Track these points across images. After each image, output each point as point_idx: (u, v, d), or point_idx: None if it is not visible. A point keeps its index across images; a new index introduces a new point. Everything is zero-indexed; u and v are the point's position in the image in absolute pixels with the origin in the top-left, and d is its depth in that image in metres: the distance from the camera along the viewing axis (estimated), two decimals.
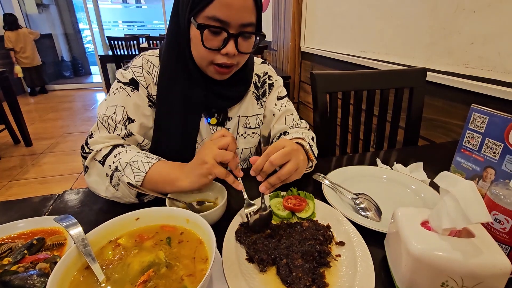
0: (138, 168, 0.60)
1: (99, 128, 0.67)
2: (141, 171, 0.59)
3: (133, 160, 0.61)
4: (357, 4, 1.70)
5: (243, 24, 0.61)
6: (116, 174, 0.60)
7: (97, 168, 0.63)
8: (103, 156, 0.62)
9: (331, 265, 0.47)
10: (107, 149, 0.63)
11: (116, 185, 0.60)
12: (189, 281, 0.39)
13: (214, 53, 0.63)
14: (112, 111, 0.67)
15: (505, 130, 0.54)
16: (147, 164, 0.60)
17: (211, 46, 0.62)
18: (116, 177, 0.60)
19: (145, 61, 0.73)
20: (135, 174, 0.59)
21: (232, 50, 0.62)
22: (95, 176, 0.63)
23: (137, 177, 0.59)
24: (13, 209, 0.62)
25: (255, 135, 0.85)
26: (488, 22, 0.97)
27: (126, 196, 0.61)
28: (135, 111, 0.70)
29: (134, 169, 0.59)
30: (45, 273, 0.43)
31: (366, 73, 1.05)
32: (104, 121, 0.66)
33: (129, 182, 0.58)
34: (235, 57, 0.65)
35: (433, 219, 0.41)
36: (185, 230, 0.48)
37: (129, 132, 0.68)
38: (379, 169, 0.77)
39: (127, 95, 0.69)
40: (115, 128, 0.67)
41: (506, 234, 0.43)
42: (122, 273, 0.40)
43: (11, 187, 2.30)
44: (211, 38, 0.62)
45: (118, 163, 0.60)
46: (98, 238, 0.44)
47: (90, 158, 0.63)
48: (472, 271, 0.36)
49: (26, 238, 0.51)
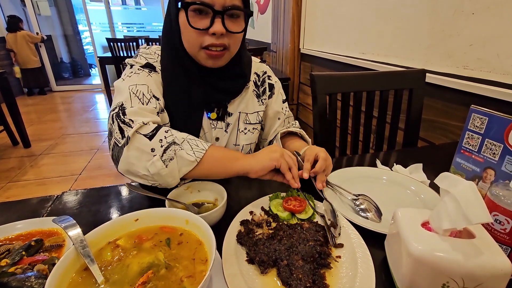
0: (197, 145, 0.59)
1: (131, 99, 0.62)
2: (200, 148, 0.58)
3: (190, 138, 0.60)
4: (357, 6, 1.71)
5: (227, 5, 0.62)
6: (173, 148, 0.57)
7: (140, 142, 0.57)
8: (152, 130, 0.58)
9: (331, 266, 0.46)
10: (153, 125, 0.59)
11: (168, 159, 0.56)
12: (189, 283, 0.39)
13: (202, 34, 0.64)
14: (136, 89, 0.64)
15: (505, 131, 0.54)
16: (206, 144, 0.60)
17: (198, 26, 0.62)
18: (172, 151, 0.56)
19: (152, 52, 0.74)
20: (194, 150, 0.58)
21: (220, 28, 0.62)
22: (135, 151, 0.57)
23: (197, 153, 0.57)
24: (11, 210, 0.62)
25: (255, 131, 0.86)
26: (487, 24, 0.97)
27: (172, 175, 0.57)
28: (157, 91, 0.69)
29: (193, 146, 0.58)
30: (43, 275, 0.42)
31: (365, 74, 1.05)
32: (137, 92, 0.63)
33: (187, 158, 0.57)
34: (224, 38, 0.65)
35: (434, 220, 0.41)
36: (185, 231, 0.47)
37: (162, 108, 0.67)
38: (379, 170, 0.77)
39: (147, 75, 0.69)
40: (149, 101, 0.64)
41: (507, 234, 0.43)
42: (121, 274, 0.40)
43: (9, 188, 2.29)
44: (197, 18, 0.62)
45: (174, 138, 0.58)
46: (97, 239, 0.44)
47: (133, 131, 0.57)
48: (472, 272, 0.36)
49: (24, 239, 0.51)
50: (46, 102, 5.03)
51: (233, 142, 0.82)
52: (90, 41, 5.91)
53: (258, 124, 0.86)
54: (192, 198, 0.62)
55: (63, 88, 5.90)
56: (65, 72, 6.78)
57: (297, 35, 2.53)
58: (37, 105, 4.82)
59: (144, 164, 0.56)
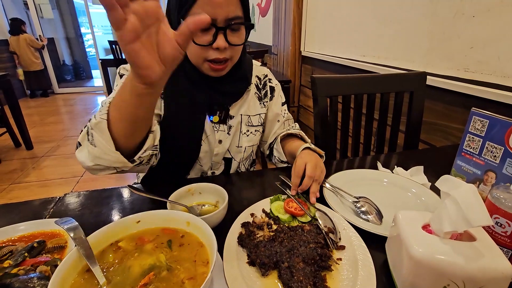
0: (102, 106, 0.52)
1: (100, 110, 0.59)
2: (105, 108, 0.51)
3: (103, 103, 0.53)
4: (357, 9, 1.71)
5: (229, 18, 0.62)
6: (88, 125, 0.52)
7: (83, 138, 0.55)
8: None
9: (332, 269, 0.46)
10: None
11: (92, 140, 0.51)
12: (190, 284, 0.39)
13: (206, 49, 0.65)
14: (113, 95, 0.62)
15: (506, 133, 0.54)
16: (112, 98, 0.53)
17: (201, 42, 0.63)
18: (90, 128, 0.52)
19: None
20: (101, 112, 0.51)
21: (223, 44, 0.63)
22: (83, 149, 0.56)
23: (103, 111, 0.50)
24: (14, 212, 0.62)
25: (257, 133, 0.87)
26: (487, 26, 0.97)
27: (105, 149, 0.51)
28: None
29: (101, 110, 0.52)
30: (46, 276, 0.43)
31: (366, 77, 1.05)
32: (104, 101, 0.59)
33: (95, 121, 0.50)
34: (227, 51, 0.66)
35: (434, 223, 0.41)
36: (186, 233, 0.48)
37: None
38: (380, 172, 0.77)
39: None
40: None
41: (508, 237, 0.43)
42: (122, 276, 0.40)
43: (11, 190, 2.30)
44: (200, 34, 0.63)
45: (92, 117, 0.53)
46: (99, 240, 0.44)
47: (83, 134, 0.56)
48: (473, 275, 0.36)
49: (27, 241, 0.51)
50: (48, 104, 5.06)
51: (235, 144, 0.83)
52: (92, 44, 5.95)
53: (260, 126, 0.87)
54: (193, 200, 0.63)
55: (65, 91, 5.94)
56: (67, 75, 6.84)
57: (298, 38, 2.54)
58: (40, 107, 4.85)
59: (86, 156, 0.54)
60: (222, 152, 0.81)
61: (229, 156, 0.84)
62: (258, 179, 0.79)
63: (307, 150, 0.73)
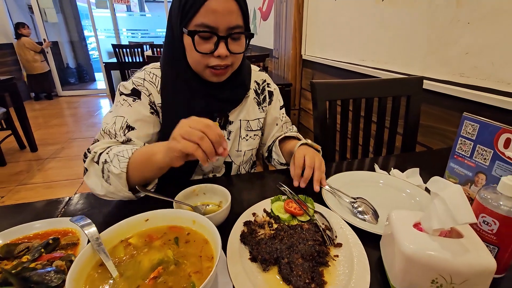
0: (123, 155, 0.60)
1: (102, 136, 0.70)
2: (125, 158, 0.60)
3: (120, 150, 0.61)
4: (356, 14, 1.75)
5: (230, 27, 0.66)
6: (105, 167, 0.61)
7: (94, 168, 0.64)
8: (99, 155, 0.63)
9: (329, 265, 0.49)
10: (103, 149, 0.65)
11: (107, 178, 0.60)
12: (196, 278, 0.42)
13: (208, 56, 0.68)
14: (113, 121, 0.70)
15: (495, 137, 0.57)
16: (131, 151, 0.61)
17: (203, 50, 0.66)
18: (106, 170, 0.60)
19: (147, 73, 0.77)
20: (120, 162, 0.59)
21: (224, 52, 0.66)
22: (93, 177, 0.64)
23: (122, 163, 0.59)
24: (27, 211, 0.66)
25: (256, 137, 0.89)
26: (482, 33, 1.00)
27: (119, 189, 0.60)
28: (136, 119, 0.72)
29: (120, 158, 0.60)
30: (61, 270, 0.46)
31: (364, 81, 1.08)
32: (106, 129, 0.70)
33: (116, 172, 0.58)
34: (228, 58, 0.69)
35: (424, 221, 0.44)
36: (192, 230, 0.51)
37: (128, 138, 0.70)
38: (376, 174, 0.80)
39: (128, 106, 0.73)
40: (115, 135, 0.69)
41: (494, 235, 0.46)
42: (133, 269, 0.43)
43: (18, 191, 2.34)
44: (202, 43, 0.66)
45: (107, 156, 0.61)
46: (111, 237, 0.47)
47: (89, 160, 0.64)
48: (459, 269, 0.39)
49: (42, 238, 0.55)
50: (52, 106, 5.12)
51: (235, 148, 0.85)
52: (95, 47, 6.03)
53: (259, 131, 0.90)
54: (198, 200, 0.66)
55: (69, 93, 6.01)
56: (71, 77, 6.91)
57: (298, 42, 2.58)
58: (44, 109, 4.91)
59: (99, 187, 0.63)
60: (223, 157, 0.84)
61: (229, 160, 0.87)
62: (258, 181, 0.81)
63: (304, 145, 0.77)
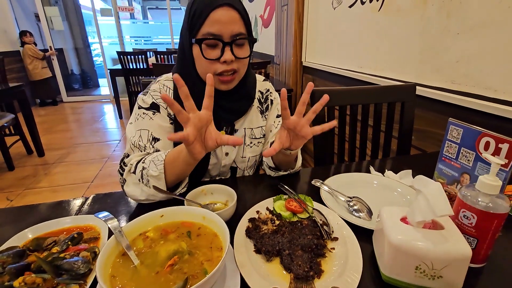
0: (158, 159, 0.69)
1: (133, 149, 0.78)
2: (160, 161, 0.68)
3: (154, 156, 0.70)
4: (355, 24, 1.82)
5: (233, 34, 0.73)
6: (144, 172, 0.69)
7: (131, 178, 0.72)
8: (135, 166, 0.72)
9: (326, 256, 0.55)
10: (138, 161, 0.73)
11: (147, 182, 0.68)
12: (208, 265, 0.47)
13: (215, 63, 0.74)
14: (139, 135, 0.78)
15: (476, 140, 0.62)
16: (164, 154, 0.69)
17: (210, 57, 0.73)
18: (145, 175, 0.69)
19: (161, 86, 0.84)
20: (157, 165, 0.68)
21: (229, 57, 0.73)
22: (131, 186, 0.72)
23: (159, 166, 0.67)
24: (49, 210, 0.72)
25: (260, 144, 0.95)
26: (470, 43, 1.07)
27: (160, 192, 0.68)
28: (159, 131, 0.80)
29: (156, 162, 0.68)
30: (87, 260, 0.51)
31: (360, 89, 1.15)
32: (136, 143, 0.78)
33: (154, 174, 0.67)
34: (234, 64, 0.75)
35: (409, 215, 0.50)
36: (202, 225, 0.56)
37: (157, 149, 0.78)
38: (371, 175, 0.86)
39: (150, 119, 0.80)
40: (145, 148, 0.78)
41: (473, 228, 0.51)
42: (152, 258, 0.49)
43: (26, 195, 2.40)
44: (209, 50, 0.73)
45: (144, 164, 0.70)
46: (130, 231, 0.53)
47: (126, 172, 0.73)
48: (439, 256, 0.45)
49: (67, 233, 0.60)
50: (57, 112, 5.22)
51: (240, 155, 0.91)
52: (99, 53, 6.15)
53: (262, 138, 0.95)
54: (206, 199, 0.71)
55: (73, 99, 6.12)
56: (75, 83, 7.03)
57: (299, 49, 2.66)
58: (49, 115, 5.01)
59: (139, 193, 0.70)
60: (229, 163, 0.90)
61: (235, 166, 0.93)
62: (261, 182, 0.87)
63: None
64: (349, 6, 1.86)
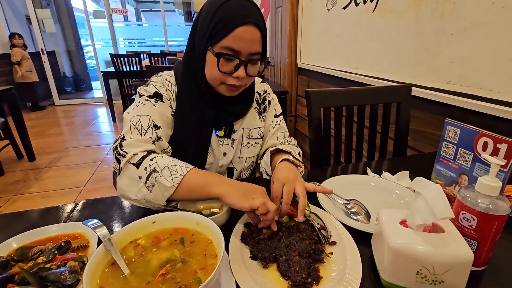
0: (176, 170, 0.63)
1: (131, 131, 0.71)
2: (178, 174, 0.63)
3: (171, 163, 0.64)
4: (349, 25, 1.83)
5: (251, 53, 0.72)
6: (154, 175, 0.63)
7: (130, 171, 0.65)
8: (139, 159, 0.65)
9: (324, 261, 0.53)
10: (143, 153, 0.66)
11: (150, 186, 0.63)
12: (202, 274, 0.45)
13: (227, 75, 0.74)
14: (138, 119, 0.73)
15: (474, 141, 0.62)
16: (185, 168, 0.64)
17: (225, 70, 0.72)
18: (153, 178, 0.62)
19: (163, 80, 0.82)
20: (173, 176, 0.62)
21: (242, 74, 0.73)
22: (126, 179, 0.65)
23: (175, 178, 0.62)
24: (35, 217, 0.69)
25: (257, 145, 0.93)
26: (464, 44, 1.07)
27: (157, 199, 0.63)
28: (160, 119, 0.76)
29: (172, 171, 0.63)
30: (75, 270, 0.49)
31: (356, 90, 1.14)
32: (137, 124, 0.72)
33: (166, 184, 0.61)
34: (244, 80, 0.75)
35: (409, 218, 0.49)
36: (196, 231, 0.54)
37: (158, 136, 0.73)
38: (368, 177, 0.85)
39: (152, 106, 0.76)
40: (146, 131, 0.72)
41: (473, 230, 0.50)
42: (143, 267, 0.47)
43: (15, 201, 2.34)
44: (225, 64, 0.72)
45: (156, 165, 0.63)
46: (121, 238, 0.51)
47: (125, 161, 0.65)
48: (441, 260, 0.43)
49: (54, 241, 0.58)
50: (49, 116, 5.13)
51: (237, 155, 0.90)
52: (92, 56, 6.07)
53: (260, 139, 0.94)
54: (200, 203, 0.69)
55: (65, 102, 6.03)
56: (67, 86, 6.93)
57: (294, 51, 2.66)
58: (41, 119, 4.92)
59: (134, 190, 0.64)
60: (226, 163, 0.89)
61: (232, 166, 0.91)
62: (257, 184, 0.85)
63: (285, 163, 0.74)
64: (343, 8, 1.87)
